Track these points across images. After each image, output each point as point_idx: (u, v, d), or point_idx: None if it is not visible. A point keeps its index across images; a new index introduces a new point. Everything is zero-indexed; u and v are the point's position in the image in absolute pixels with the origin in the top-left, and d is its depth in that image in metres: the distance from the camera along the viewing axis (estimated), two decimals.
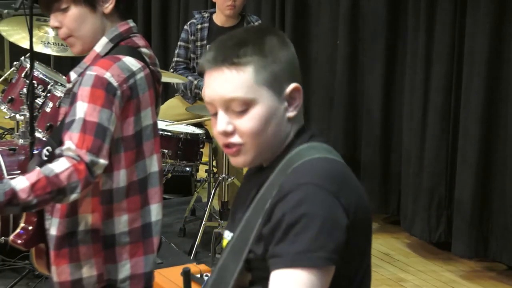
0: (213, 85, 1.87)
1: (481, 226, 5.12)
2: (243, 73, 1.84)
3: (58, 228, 2.65)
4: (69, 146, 2.48)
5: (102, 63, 2.60)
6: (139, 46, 2.71)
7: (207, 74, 1.88)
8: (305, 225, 1.74)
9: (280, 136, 1.89)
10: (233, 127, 1.86)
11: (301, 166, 1.83)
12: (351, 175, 1.88)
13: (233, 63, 1.84)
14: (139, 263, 2.71)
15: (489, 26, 4.95)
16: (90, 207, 2.64)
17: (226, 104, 1.85)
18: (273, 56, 1.86)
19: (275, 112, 1.86)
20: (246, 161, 1.89)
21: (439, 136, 5.30)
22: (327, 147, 1.92)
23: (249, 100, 1.84)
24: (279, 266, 1.76)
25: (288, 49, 1.90)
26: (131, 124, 2.62)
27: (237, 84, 1.84)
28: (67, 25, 2.66)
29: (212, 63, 1.86)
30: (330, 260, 1.75)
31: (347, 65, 5.88)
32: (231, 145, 1.88)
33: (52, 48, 5.31)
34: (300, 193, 1.77)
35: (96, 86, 2.54)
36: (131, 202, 2.67)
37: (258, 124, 1.85)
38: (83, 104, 2.53)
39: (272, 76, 1.85)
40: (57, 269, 2.68)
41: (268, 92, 1.85)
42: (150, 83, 2.68)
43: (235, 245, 1.87)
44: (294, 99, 1.90)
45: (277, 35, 1.90)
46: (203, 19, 5.74)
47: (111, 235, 2.67)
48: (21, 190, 2.41)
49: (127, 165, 2.64)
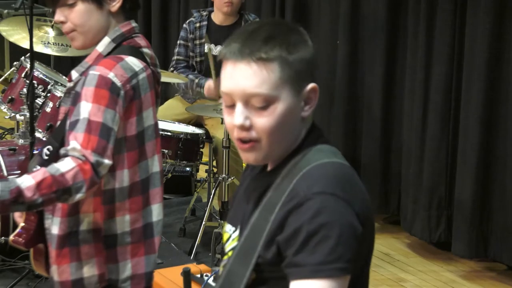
0: (236, 77, 1.83)
1: (481, 226, 5.12)
2: (268, 69, 1.82)
3: (59, 227, 2.65)
4: (74, 146, 2.49)
5: (105, 63, 2.60)
6: (141, 46, 2.71)
7: (230, 64, 1.84)
8: (324, 235, 1.74)
9: (293, 135, 1.88)
10: (250, 122, 1.84)
11: (311, 171, 1.82)
12: (357, 179, 1.89)
13: (260, 57, 1.81)
14: (140, 263, 2.71)
15: (489, 26, 4.95)
16: (92, 206, 2.64)
17: (247, 98, 1.83)
18: (298, 54, 1.84)
19: (293, 111, 1.85)
20: (257, 158, 1.87)
21: (439, 136, 5.30)
22: (333, 149, 1.92)
23: (272, 97, 1.82)
24: (299, 277, 1.76)
25: (310, 48, 1.88)
26: (133, 124, 2.63)
27: (262, 80, 1.82)
28: (72, 20, 2.66)
29: (238, 55, 1.82)
30: (347, 270, 1.76)
31: (347, 65, 5.88)
32: (245, 140, 1.85)
33: (52, 48, 5.31)
34: (317, 202, 1.76)
35: (100, 86, 2.54)
36: (134, 202, 2.68)
37: (276, 122, 1.83)
38: (87, 104, 2.53)
39: (296, 74, 1.84)
40: (58, 268, 2.68)
41: (290, 90, 1.84)
42: (152, 83, 2.69)
43: (242, 249, 1.86)
44: (310, 99, 1.88)
45: (301, 33, 1.89)
46: (202, 17, 5.75)
47: (113, 235, 2.67)
48: (27, 189, 2.41)
49: (130, 165, 2.64)
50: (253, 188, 1.95)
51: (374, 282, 4.98)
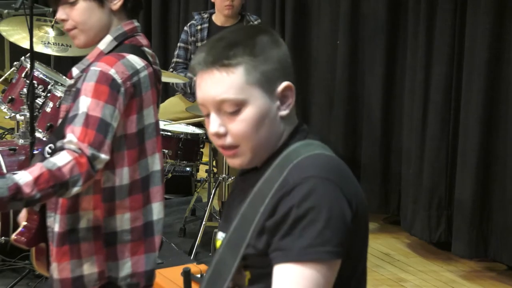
0: (204, 87, 1.86)
1: (481, 226, 5.13)
2: (233, 74, 1.83)
3: (60, 224, 2.66)
4: (71, 139, 2.49)
5: (106, 60, 2.60)
6: (142, 45, 2.72)
7: (198, 76, 1.87)
8: (312, 219, 1.74)
9: (274, 135, 1.88)
10: (225, 129, 1.86)
11: (303, 161, 1.83)
12: (350, 172, 1.88)
13: (223, 64, 1.83)
14: (140, 261, 2.71)
15: (489, 26, 4.95)
16: (92, 204, 2.64)
17: (218, 105, 1.85)
18: (264, 55, 1.85)
19: (267, 112, 1.85)
20: (243, 162, 1.89)
21: (439, 136, 5.30)
22: (323, 144, 1.91)
23: (240, 101, 1.83)
24: (283, 260, 1.75)
25: (280, 47, 1.89)
26: (134, 122, 2.63)
27: (228, 85, 1.83)
28: (74, 18, 2.67)
29: (203, 65, 1.85)
30: (335, 254, 1.75)
31: (347, 65, 5.88)
32: (226, 147, 1.87)
33: (52, 48, 5.31)
34: (306, 186, 1.76)
35: (100, 81, 2.55)
36: (134, 200, 2.68)
37: (251, 126, 1.84)
38: (87, 98, 2.53)
39: (263, 76, 1.84)
40: (58, 266, 2.68)
41: (260, 92, 1.84)
42: (153, 81, 2.69)
43: (231, 240, 1.86)
44: (286, 98, 1.88)
45: (268, 34, 1.89)
46: (203, 20, 5.76)
47: (113, 232, 2.68)
48: (25, 185, 2.41)
49: (130, 163, 2.64)
50: (242, 188, 1.96)
51: (374, 282, 4.98)
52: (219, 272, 1.85)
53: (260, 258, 1.82)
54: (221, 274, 1.85)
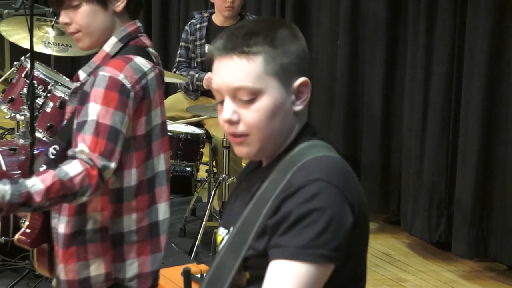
0: (221, 72, 1.86)
1: (481, 226, 5.13)
2: (252, 62, 1.83)
3: (66, 226, 2.66)
4: (82, 149, 2.50)
5: (115, 64, 2.60)
6: (147, 46, 2.72)
7: (216, 61, 1.86)
8: (313, 220, 1.74)
9: (285, 129, 1.88)
10: (238, 116, 1.85)
11: (308, 164, 1.82)
12: (353, 173, 1.88)
13: (243, 51, 1.83)
14: (147, 262, 2.72)
15: (489, 26, 4.96)
16: (99, 205, 2.65)
17: (234, 92, 1.84)
18: (283, 48, 1.85)
19: (282, 105, 1.85)
20: (250, 152, 1.88)
21: (439, 136, 5.31)
22: (327, 145, 1.92)
23: (257, 90, 1.83)
24: (279, 257, 1.76)
25: (299, 42, 1.90)
26: (143, 124, 2.64)
27: (246, 72, 1.83)
28: (77, 21, 2.66)
29: (222, 51, 1.85)
30: (330, 258, 1.75)
31: (347, 65, 5.88)
32: (236, 135, 1.87)
33: (52, 48, 5.31)
34: (311, 188, 1.76)
35: (110, 88, 2.55)
36: (140, 201, 2.68)
37: (264, 116, 1.84)
38: (96, 105, 2.54)
39: (281, 67, 1.84)
40: (65, 267, 2.68)
41: (276, 84, 1.84)
42: (160, 82, 2.70)
43: (233, 242, 1.86)
44: (302, 93, 1.89)
45: (289, 28, 1.90)
46: (203, 19, 5.78)
47: (120, 233, 2.68)
48: (36, 193, 2.42)
49: (138, 165, 2.65)
50: (246, 187, 1.96)
51: (374, 282, 4.98)
52: (219, 274, 1.85)
53: (260, 259, 1.82)
54: (221, 276, 1.85)
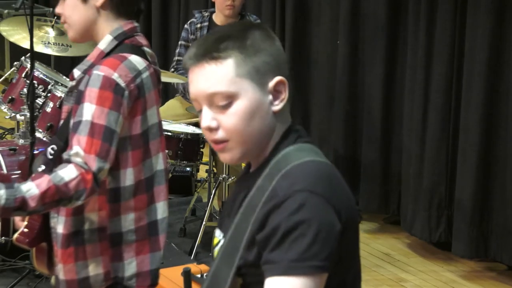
0: (195, 81, 1.86)
1: (481, 226, 5.13)
2: (223, 67, 1.82)
3: (64, 226, 2.66)
4: (77, 151, 2.50)
5: (109, 63, 2.60)
6: (142, 45, 2.73)
7: (190, 71, 1.87)
8: (301, 233, 1.74)
9: (266, 130, 1.87)
10: (217, 122, 1.85)
11: (292, 171, 1.81)
12: (339, 177, 1.87)
13: (213, 57, 1.83)
14: (145, 261, 2.72)
15: (489, 26, 4.96)
16: (97, 205, 2.65)
17: (209, 99, 1.84)
18: (254, 48, 1.84)
19: (259, 106, 1.84)
20: (233, 157, 1.87)
21: (439, 136, 5.31)
22: (313, 148, 1.90)
23: (231, 94, 1.83)
24: (273, 273, 1.75)
25: (272, 42, 1.88)
26: (138, 123, 2.64)
27: (218, 78, 1.83)
28: (64, 13, 2.74)
29: (194, 59, 1.85)
30: (323, 268, 1.75)
31: (347, 65, 5.88)
32: (217, 141, 1.87)
33: (52, 48, 5.31)
34: (296, 200, 1.75)
35: (104, 87, 2.56)
36: (138, 200, 2.69)
37: (242, 119, 1.83)
38: (91, 106, 2.54)
39: (254, 68, 1.84)
40: (64, 267, 2.69)
41: (251, 85, 1.83)
42: (155, 82, 2.70)
43: (226, 250, 1.86)
44: (279, 93, 1.87)
45: (260, 29, 1.88)
46: (203, 18, 5.77)
47: (118, 233, 2.68)
48: (31, 198, 2.44)
49: (135, 164, 2.65)
50: (238, 191, 1.96)
51: (374, 282, 4.98)
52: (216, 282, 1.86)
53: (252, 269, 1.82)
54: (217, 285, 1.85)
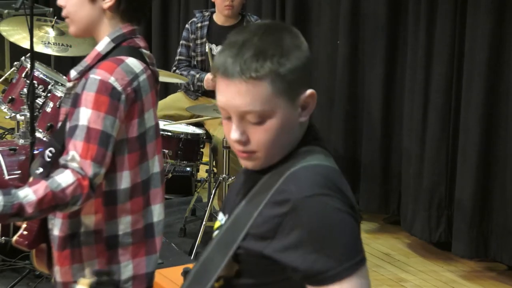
0: (227, 95, 1.82)
1: (481, 226, 5.13)
2: (260, 87, 1.79)
3: (60, 228, 2.66)
4: (74, 156, 2.50)
5: (105, 66, 2.60)
6: (140, 47, 2.72)
7: (221, 81, 1.82)
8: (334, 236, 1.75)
9: (291, 141, 1.87)
10: (246, 136, 1.84)
11: (298, 173, 1.82)
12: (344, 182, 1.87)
13: (250, 76, 1.78)
14: (141, 263, 2.72)
15: (489, 26, 4.96)
16: (93, 208, 2.65)
17: (241, 114, 1.82)
18: (290, 63, 1.80)
19: (290, 120, 1.84)
20: (256, 165, 1.88)
21: (439, 136, 5.31)
22: (324, 151, 1.91)
23: (266, 112, 1.81)
24: (328, 282, 1.75)
25: (304, 51, 1.85)
26: (135, 126, 2.63)
27: (254, 97, 1.79)
28: (67, 7, 2.72)
29: (229, 72, 1.79)
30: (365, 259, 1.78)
31: (347, 65, 5.88)
32: (245, 152, 1.86)
33: (52, 48, 5.31)
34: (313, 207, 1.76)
35: (100, 91, 2.55)
36: (134, 203, 2.68)
37: (274, 135, 1.82)
38: (87, 110, 2.54)
39: (289, 85, 1.81)
40: (60, 269, 2.69)
41: (284, 102, 1.81)
42: (152, 84, 2.69)
43: (222, 239, 1.86)
44: (307, 104, 1.86)
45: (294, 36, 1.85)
46: (204, 17, 5.79)
47: (114, 236, 2.68)
48: (28, 205, 2.43)
49: (131, 167, 2.65)
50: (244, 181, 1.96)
51: (375, 282, 4.98)
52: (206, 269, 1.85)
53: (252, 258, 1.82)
54: (207, 271, 1.85)
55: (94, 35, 2.73)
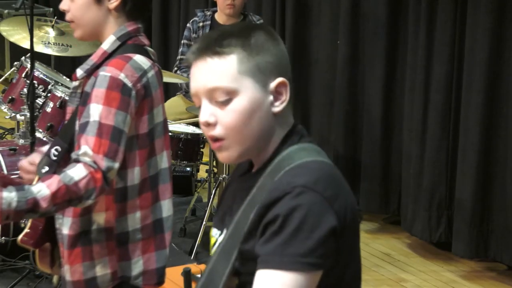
0: (196, 75, 1.85)
1: (481, 226, 5.13)
2: (225, 62, 1.82)
3: (71, 227, 2.66)
4: (86, 151, 2.50)
5: (115, 63, 2.61)
6: (145, 45, 2.73)
7: (192, 65, 1.86)
8: (297, 229, 1.73)
9: (265, 131, 1.86)
10: (215, 118, 1.84)
11: (295, 169, 1.81)
12: (341, 178, 1.87)
13: (216, 52, 1.82)
14: (151, 259, 2.73)
15: (489, 26, 4.96)
16: (104, 205, 2.65)
17: (210, 94, 1.84)
18: (258, 47, 1.84)
19: (259, 105, 1.84)
20: (231, 157, 1.87)
21: (439, 136, 5.31)
22: (317, 148, 1.90)
23: (232, 90, 1.82)
24: (266, 266, 1.75)
25: (276, 44, 1.88)
26: (145, 122, 2.64)
27: (220, 73, 1.82)
28: (72, 11, 2.71)
29: (196, 54, 1.85)
30: (317, 266, 1.75)
31: (347, 65, 5.88)
32: (214, 139, 1.86)
33: (52, 48, 5.31)
34: (295, 196, 1.75)
35: (111, 88, 2.56)
36: (144, 199, 2.69)
37: (241, 116, 1.83)
38: (98, 106, 2.54)
39: (256, 67, 1.83)
40: (71, 268, 2.69)
41: (252, 83, 1.83)
42: (160, 80, 2.71)
43: (225, 247, 1.86)
44: (280, 94, 1.86)
45: (265, 30, 1.89)
46: (205, 17, 5.79)
47: (125, 232, 2.69)
48: (42, 199, 2.43)
49: (141, 163, 2.66)
50: (239, 189, 1.95)
51: (375, 282, 4.98)
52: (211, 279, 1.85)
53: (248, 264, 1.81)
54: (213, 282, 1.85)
55: (99, 37, 2.73)
